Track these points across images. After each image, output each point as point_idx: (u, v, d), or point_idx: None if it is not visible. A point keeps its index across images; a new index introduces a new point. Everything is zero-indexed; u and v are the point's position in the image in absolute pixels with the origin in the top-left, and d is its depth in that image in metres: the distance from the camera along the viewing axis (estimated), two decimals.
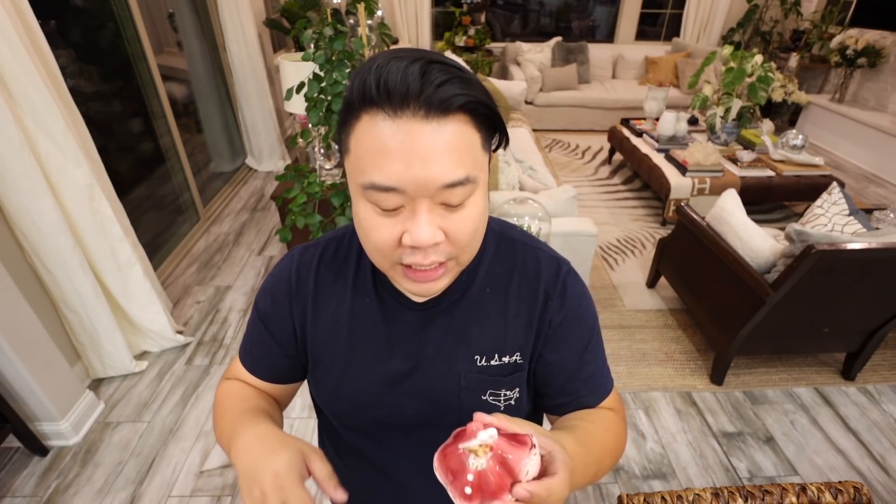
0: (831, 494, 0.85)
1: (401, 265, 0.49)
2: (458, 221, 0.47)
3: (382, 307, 0.60)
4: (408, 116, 0.42)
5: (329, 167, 2.21)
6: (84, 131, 1.74)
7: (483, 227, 0.51)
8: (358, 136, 0.45)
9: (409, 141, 0.42)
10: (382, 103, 0.42)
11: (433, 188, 0.44)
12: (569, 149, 4.47)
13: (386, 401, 0.60)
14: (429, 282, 0.50)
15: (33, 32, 1.53)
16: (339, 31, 1.65)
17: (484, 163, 0.48)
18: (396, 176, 0.43)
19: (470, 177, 0.45)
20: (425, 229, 0.45)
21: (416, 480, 0.64)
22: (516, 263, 0.61)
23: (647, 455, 1.67)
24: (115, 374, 1.93)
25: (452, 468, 0.41)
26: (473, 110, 0.45)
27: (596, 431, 0.58)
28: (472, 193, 0.47)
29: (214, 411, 0.64)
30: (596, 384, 0.63)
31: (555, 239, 1.91)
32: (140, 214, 2.49)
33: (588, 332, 0.61)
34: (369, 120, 0.43)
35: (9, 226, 1.58)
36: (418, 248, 0.46)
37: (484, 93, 0.46)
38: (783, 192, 3.05)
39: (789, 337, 1.88)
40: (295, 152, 4.05)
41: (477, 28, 5.07)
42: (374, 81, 0.42)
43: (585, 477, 0.52)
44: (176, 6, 3.09)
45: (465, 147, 0.44)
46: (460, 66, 0.45)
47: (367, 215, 0.47)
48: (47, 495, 1.51)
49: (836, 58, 4.33)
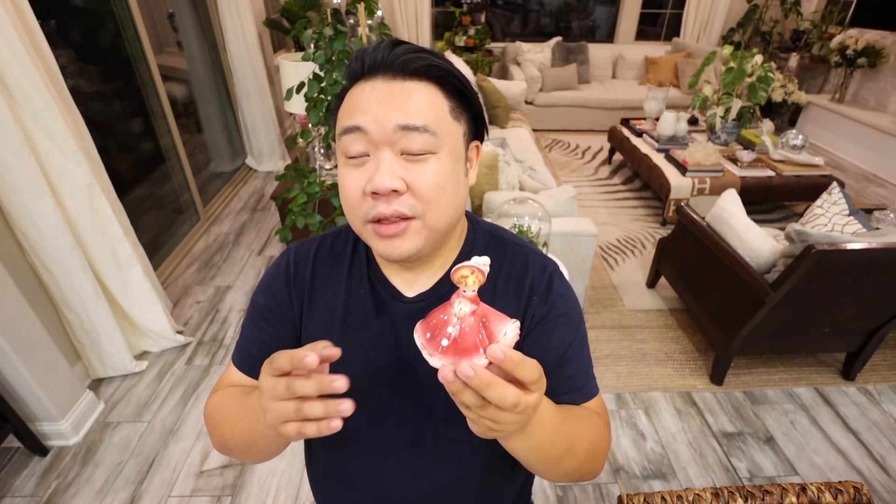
0: (831, 494, 0.85)
1: (370, 223, 0.52)
2: (419, 172, 0.50)
3: (375, 298, 0.61)
4: (378, 79, 0.51)
5: (329, 167, 2.21)
6: (84, 131, 1.74)
7: (452, 191, 0.53)
8: (343, 107, 0.53)
9: (376, 92, 0.50)
10: (360, 74, 0.52)
11: (390, 128, 0.49)
12: (569, 149, 4.47)
13: (373, 393, 0.60)
14: (393, 237, 0.51)
15: (33, 32, 1.53)
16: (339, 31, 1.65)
17: (451, 128, 0.53)
18: (361, 118, 0.50)
19: (428, 127, 0.49)
20: (385, 175, 0.49)
21: (403, 482, 0.64)
22: (504, 260, 0.62)
23: (647, 455, 1.67)
24: (115, 374, 1.93)
25: (432, 328, 0.40)
26: (439, 78, 0.52)
27: (574, 413, 0.57)
28: (436, 151, 0.51)
29: (212, 420, 0.61)
30: (577, 384, 0.61)
31: (555, 239, 1.91)
32: (140, 214, 2.49)
33: (572, 331, 0.61)
34: (351, 91, 0.53)
35: (9, 226, 1.58)
36: (380, 196, 0.50)
37: (448, 64, 0.52)
38: (783, 192, 3.05)
39: (789, 337, 1.88)
40: (295, 152, 4.05)
41: (477, 28, 5.06)
42: (354, 60, 0.53)
43: (554, 443, 0.50)
44: (176, 6, 3.09)
45: (426, 103, 0.50)
46: (431, 49, 0.53)
47: (342, 172, 0.53)
48: (47, 495, 1.52)
49: (836, 58, 4.33)
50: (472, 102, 0.56)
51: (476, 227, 0.65)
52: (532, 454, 0.49)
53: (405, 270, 0.60)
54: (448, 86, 0.53)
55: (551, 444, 0.49)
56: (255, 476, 1.58)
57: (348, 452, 0.65)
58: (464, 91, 0.54)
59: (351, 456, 0.65)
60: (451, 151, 0.52)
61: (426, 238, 0.53)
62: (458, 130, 0.54)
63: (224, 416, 0.59)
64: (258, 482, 1.56)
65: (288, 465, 1.61)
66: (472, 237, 0.63)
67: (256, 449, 0.57)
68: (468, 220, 0.65)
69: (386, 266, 0.62)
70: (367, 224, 0.52)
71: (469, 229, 0.64)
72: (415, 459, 0.63)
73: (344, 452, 0.66)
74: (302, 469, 1.60)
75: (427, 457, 0.63)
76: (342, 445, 0.65)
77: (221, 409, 0.60)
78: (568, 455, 0.52)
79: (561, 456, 0.52)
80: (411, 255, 0.53)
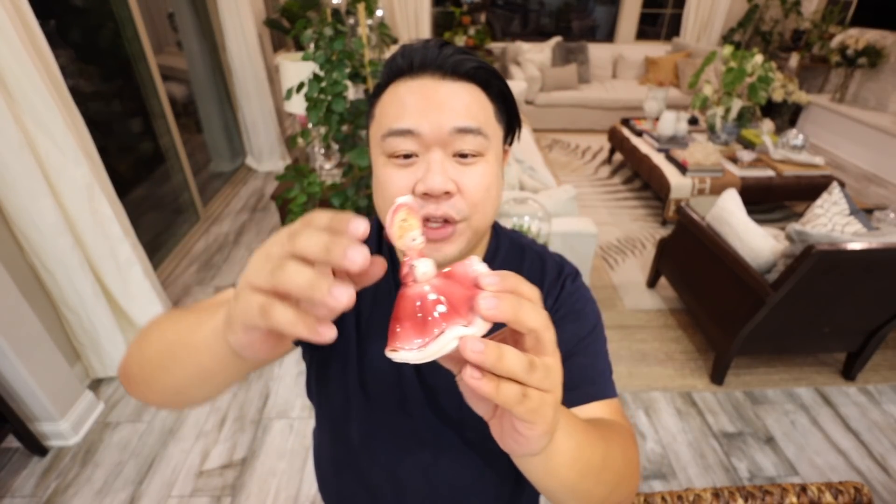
0: (831, 495, 0.85)
1: None
2: (470, 175, 0.49)
3: None
4: (426, 77, 0.50)
5: (329, 167, 2.21)
6: (84, 131, 1.74)
7: (496, 193, 0.53)
8: (383, 102, 0.51)
9: (425, 93, 0.49)
10: (405, 70, 0.50)
11: (445, 131, 0.48)
12: (569, 149, 4.47)
13: (393, 392, 0.60)
14: (439, 241, 0.50)
15: (33, 32, 1.53)
16: (339, 31, 1.65)
17: (496, 132, 0.52)
18: (412, 120, 0.48)
19: (482, 129, 0.49)
20: (438, 175, 0.47)
21: (418, 482, 0.64)
22: (523, 266, 0.63)
23: (647, 455, 1.67)
24: (115, 374, 1.93)
25: (413, 326, 0.30)
26: (485, 81, 0.51)
27: (598, 423, 0.49)
28: (485, 153, 0.50)
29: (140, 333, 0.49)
30: (588, 381, 0.55)
31: (555, 239, 1.91)
32: (140, 214, 2.48)
33: (585, 328, 0.59)
34: (394, 87, 0.51)
35: (9, 226, 1.57)
36: (431, 197, 0.48)
37: (492, 67, 0.52)
38: (783, 192, 3.05)
39: (789, 337, 1.88)
40: (295, 152, 4.05)
41: (477, 28, 5.06)
42: (400, 55, 0.51)
43: (584, 453, 0.41)
44: (176, 6, 3.09)
45: (477, 106, 0.50)
46: (471, 51, 0.52)
47: (385, 170, 0.50)
48: (47, 495, 1.51)
49: (836, 58, 4.33)
50: (511, 106, 0.55)
51: (499, 234, 0.64)
52: (566, 469, 0.40)
53: None
54: (492, 89, 0.52)
55: (582, 453, 0.41)
56: (255, 476, 1.58)
57: (364, 449, 0.65)
58: (505, 94, 0.54)
59: (367, 453, 0.65)
60: (496, 154, 0.52)
61: (469, 240, 0.52)
62: (500, 133, 0.54)
63: (158, 322, 0.47)
64: (258, 482, 1.56)
65: (288, 466, 1.61)
66: (496, 243, 0.63)
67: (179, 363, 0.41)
68: None
69: None
70: None
71: (492, 235, 0.64)
72: (430, 461, 0.63)
73: (360, 449, 0.65)
74: (302, 469, 1.60)
75: (443, 459, 0.63)
76: (359, 441, 0.65)
77: (150, 338, 0.47)
78: (604, 469, 0.44)
79: (598, 469, 0.43)
80: (454, 258, 0.51)
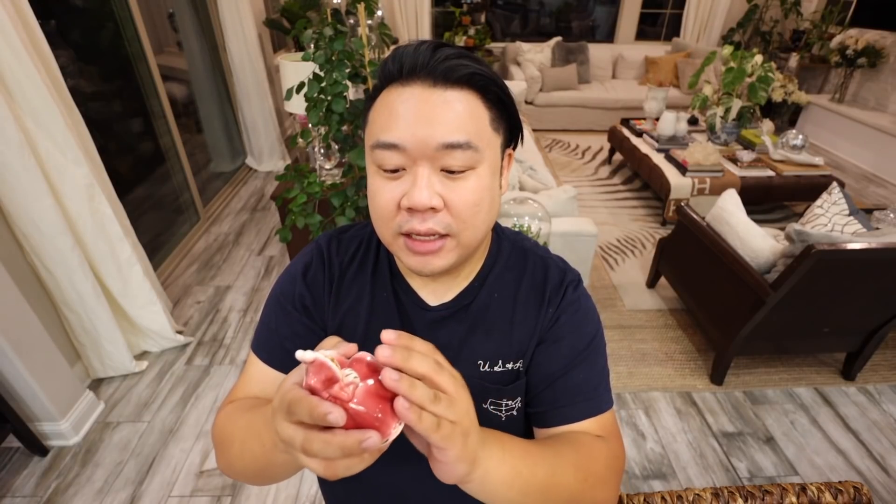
0: (831, 494, 0.85)
1: (402, 236, 0.50)
2: (458, 190, 0.48)
3: (399, 306, 0.60)
4: (417, 84, 0.47)
5: (329, 167, 2.21)
6: (84, 131, 1.74)
7: (488, 207, 0.51)
8: (375, 108, 0.50)
9: (415, 103, 0.46)
10: (397, 76, 0.48)
11: (432, 147, 0.46)
12: (569, 149, 4.47)
13: None
14: (427, 254, 0.50)
15: (33, 32, 1.53)
16: (339, 31, 1.65)
17: (491, 140, 0.50)
18: (399, 133, 0.46)
19: (472, 143, 0.47)
20: (423, 191, 0.46)
21: (416, 492, 0.64)
22: (526, 271, 0.61)
23: (647, 455, 1.67)
24: (115, 374, 1.93)
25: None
26: (482, 87, 0.48)
27: (552, 441, 0.53)
28: (476, 166, 0.48)
29: (218, 439, 0.56)
30: (583, 396, 0.57)
31: (555, 239, 1.91)
32: (140, 214, 2.49)
33: (583, 341, 0.59)
34: (386, 93, 0.49)
35: (9, 226, 1.58)
36: (416, 212, 0.48)
37: (491, 71, 0.49)
38: (783, 192, 3.05)
39: (789, 337, 1.88)
40: (295, 152, 4.05)
41: (477, 28, 5.07)
42: (391, 59, 0.49)
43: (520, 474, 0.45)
44: (176, 6, 3.09)
45: (468, 115, 0.47)
46: (470, 51, 0.49)
47: (373, 180, 0.50)
48: (47, 495, 1.51)
49: (836, 58, 4.33)
50: (511, 111, 0.53)
51: (500, 237, 0.63)
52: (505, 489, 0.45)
53: (431, 281, 0.59)
54: (489, 94, 0.49)
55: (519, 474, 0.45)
56: None
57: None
58: (504, 99, 0.51)
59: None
60: (490, 165, 0.50)
61: (459, 255, 0.51)
62: (497, 142, 0.51)
63: (232, 433, 0.53)
64: None
65: None
66: (497, 247, 0.62)
67: (268, 474, 0.53)
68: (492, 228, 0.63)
69: (409, 275, 0.60)
70: (398, 237, 0.50)
71: (493, 238, 0.62)
72: (428, 471, 0.63)
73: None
74: (301, 469, 1.60)
75: None
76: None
77: (229, 425, 0.55)
78: (551, 486, 0.47)
79: (542, 488, 0.47)
80: (443, 271, 0.52)
